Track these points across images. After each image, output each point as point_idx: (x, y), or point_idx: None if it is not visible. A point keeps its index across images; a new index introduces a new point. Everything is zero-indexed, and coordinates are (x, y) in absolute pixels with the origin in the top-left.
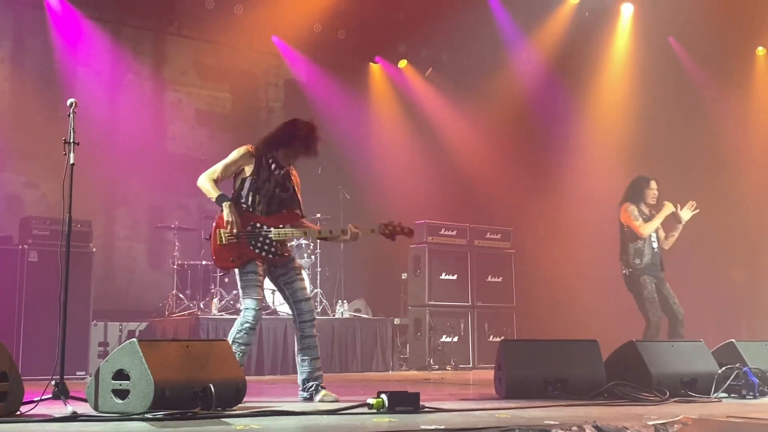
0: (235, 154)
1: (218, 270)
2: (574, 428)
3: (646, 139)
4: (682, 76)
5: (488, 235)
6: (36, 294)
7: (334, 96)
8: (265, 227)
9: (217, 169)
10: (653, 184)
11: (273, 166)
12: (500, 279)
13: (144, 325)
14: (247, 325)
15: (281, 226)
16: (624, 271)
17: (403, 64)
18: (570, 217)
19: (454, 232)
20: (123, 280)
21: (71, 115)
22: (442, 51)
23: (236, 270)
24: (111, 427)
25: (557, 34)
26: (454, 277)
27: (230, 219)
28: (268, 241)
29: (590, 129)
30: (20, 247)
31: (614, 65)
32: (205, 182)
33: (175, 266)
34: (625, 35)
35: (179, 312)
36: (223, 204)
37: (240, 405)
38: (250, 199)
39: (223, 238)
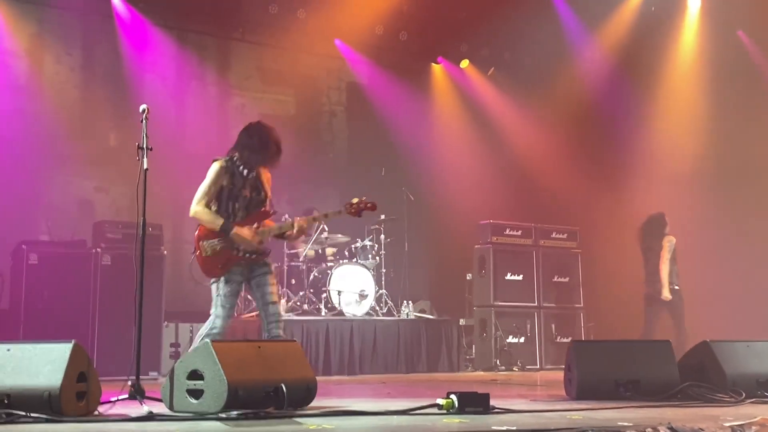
0: (212, 174)
1: (286, 271)
2: (649, 430)
3: (715, 137)
4: (752, 71)
5: (554, 235)
6: (109, 296)
7: (396, 97)
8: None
9: (202, 194)
10: None
11: (245, 172)
12: (567, 279)
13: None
14: (215, 331)
15: (256, 227)
16: (676, 287)
17: (465, 64)
18: (637, 216)
19: (519, 232)
20: (191, 282)
21: (144, 121)
22: (504, 50)
23: (221, 279)
24: (186, 426)
25: (623, 31)
26: (520, 277)
27: (245, 240)
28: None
29: (657, 126)
30: (94, 250)
31: (681, 61)
32: (202, 212)
33: None
34: (692, 30)
35: (247, 313)
36: (231, 233)
37: (310, 405)
38: (230, 207)
39: (208, 250)
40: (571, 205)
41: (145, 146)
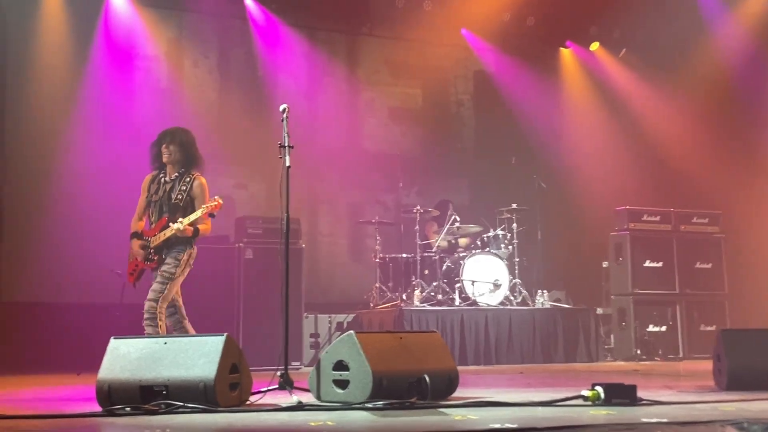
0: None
1: (419, 262)
2: None
3: None
4: None
5: (695, 220)
6: (252, 289)
7: (524, 84)
8: (146, 238)
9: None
10: None
11: (163, 179)
12: (709, 265)
13: (351, 317)
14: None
15: (156, 233)
16: None
17: (595, 46)
18: None
19: (658, 218)
20: (327, 274)
21: (284, 120)
22: (636, 30)
23: None
24: (336, 415)
25: (763, 3)
26: (659, 264)
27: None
28: (150, 249)
29: None
30: (237, 245)
31: None
32: (132, 225)
33: (377, 259)
34: None
35: (383, 304)
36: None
37: (452, 396)
38: (149, 213)
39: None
40: (712, 189)
41: (287, 144)
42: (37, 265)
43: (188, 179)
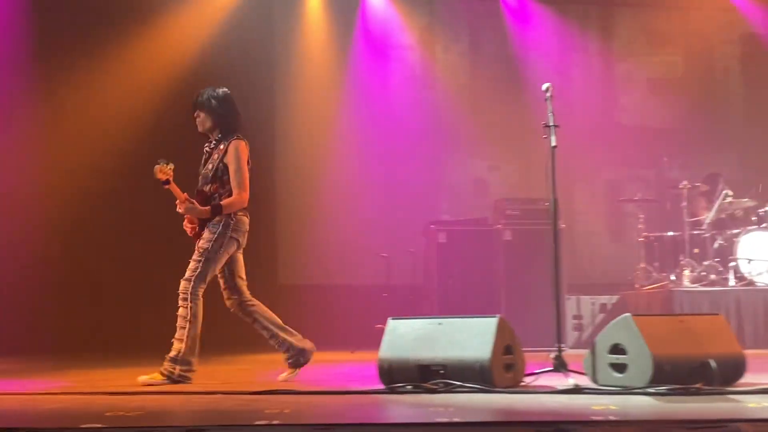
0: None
1: (688, 240)
2: None
3: None
4: None
5: None
6: (513, 271)
7: None
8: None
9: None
10: None
11: (206, 148)
12: None
13: (614, 298)
14: None
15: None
16: None
17: None
18: None
19: None
20: (586, 254)
21: (548, 99)
22: None
23: None
24: (617, 400)
25: None
26: None
27: None
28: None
29: None
30: (495, 227)
31: None
32: None
33: (640, 238)
34: None
35: (649, 285)
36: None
37: (740, 381)
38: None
39: None
40: None
41: (551, 123)
42: (309, 250)
43: (223, 146)
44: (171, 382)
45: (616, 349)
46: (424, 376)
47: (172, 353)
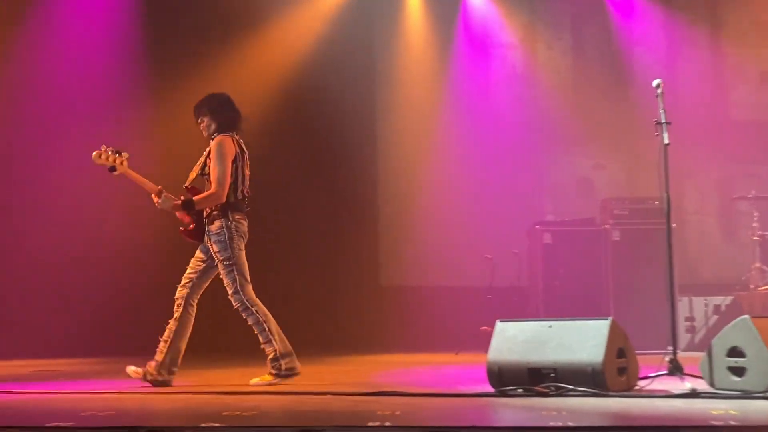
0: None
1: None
2: None
3: None
4: None
5: None
6: (622, 271)
7: None
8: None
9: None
10: None
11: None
12: None
13: (728, 299)
14: None
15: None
16: None
17: None
18: None
19: None
20: (697, 253)
21: (659, 96)
22: None
23: None
24: (736, 404)
25: None
26: None
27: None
28: None
29: None
30: (603, 227)
31: None
32: None
33: (755, 237)
34: None
35: (765, 285)
36: None
37: None
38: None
39: None
40: None
41: (663, 120)
42: (412, 251)
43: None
44: (282, 378)
45: (735, 352)
46: (535, 379)
47: (271, 355)
